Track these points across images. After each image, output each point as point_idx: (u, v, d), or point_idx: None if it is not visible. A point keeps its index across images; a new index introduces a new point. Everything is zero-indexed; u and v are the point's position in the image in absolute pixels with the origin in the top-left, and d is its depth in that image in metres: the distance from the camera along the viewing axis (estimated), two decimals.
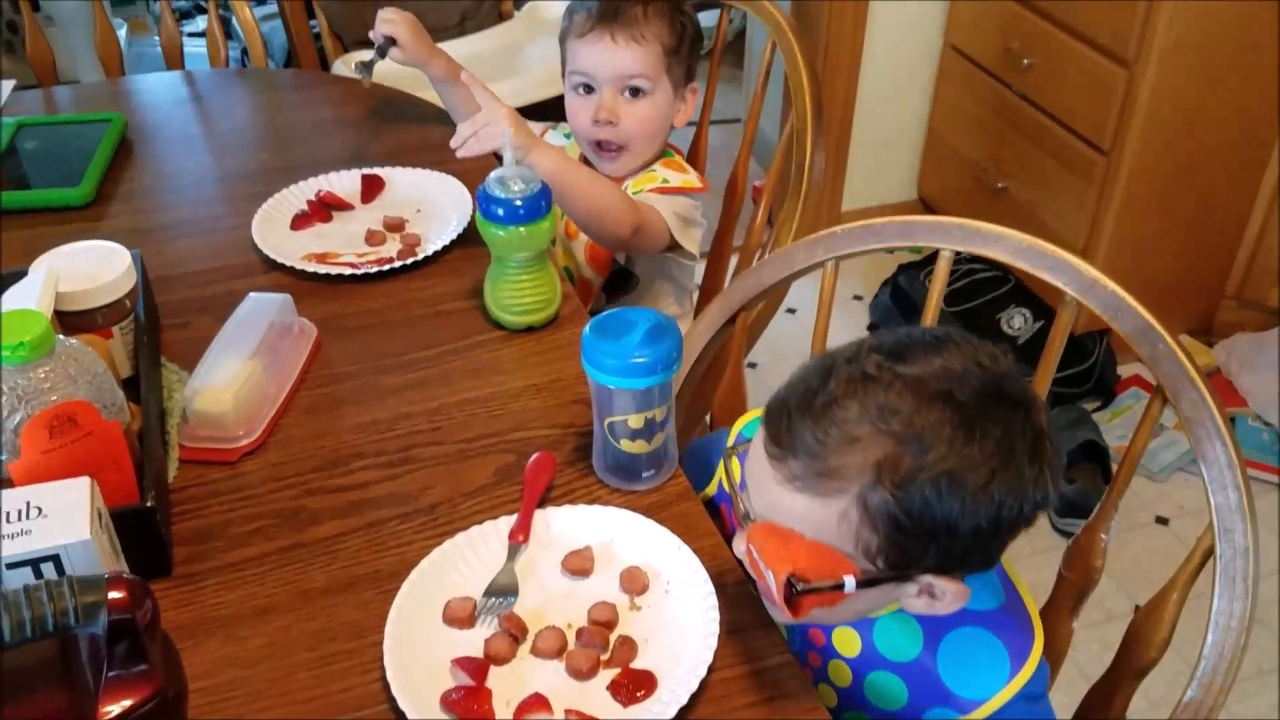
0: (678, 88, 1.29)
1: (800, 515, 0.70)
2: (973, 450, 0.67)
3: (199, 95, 1.62)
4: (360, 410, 1.01)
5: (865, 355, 0.70)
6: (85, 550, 0.72)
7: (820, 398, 0.69)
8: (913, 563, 0.71)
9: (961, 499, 0.67)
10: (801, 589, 0.70)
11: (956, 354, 0.70)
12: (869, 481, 0.67)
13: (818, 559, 0.70)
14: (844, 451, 0.68)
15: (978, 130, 2.34)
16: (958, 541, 0.69)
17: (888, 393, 0.68)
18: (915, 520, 0.68)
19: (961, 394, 0.68)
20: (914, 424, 0.67)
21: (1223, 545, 0.79)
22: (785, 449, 0.70)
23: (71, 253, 1.02)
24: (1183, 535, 1.89)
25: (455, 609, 0.81)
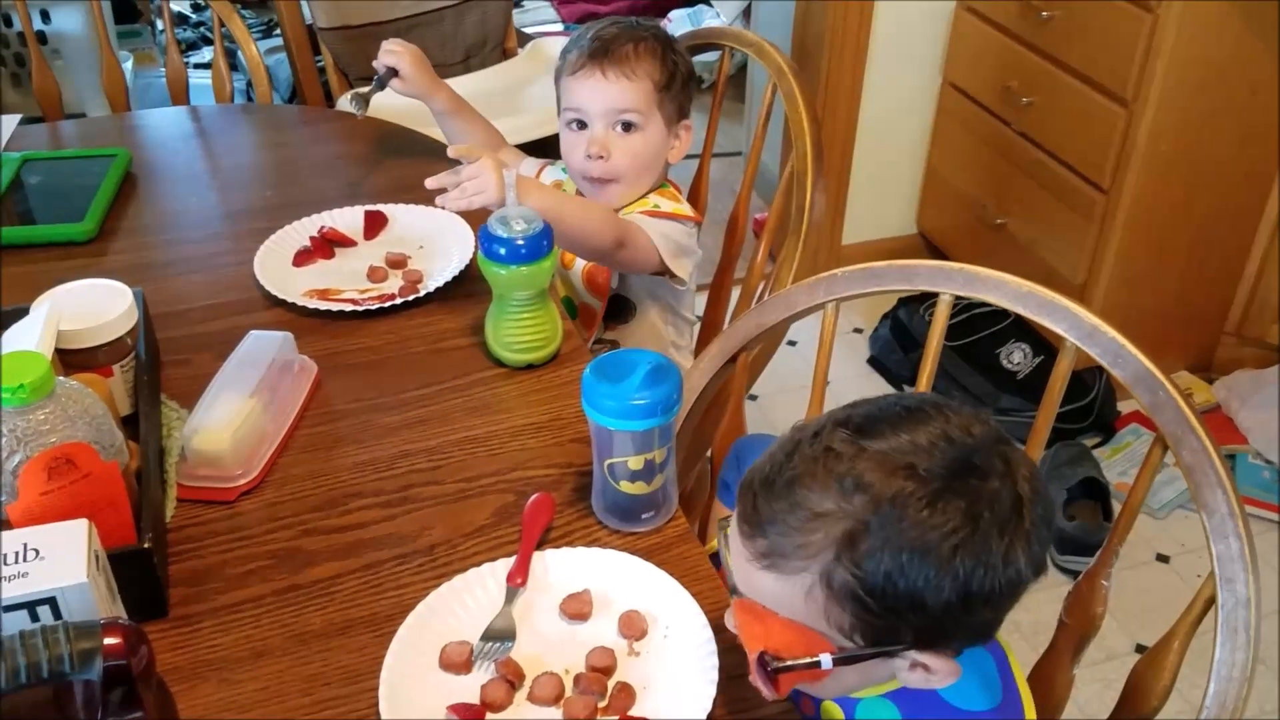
0: (670, 124, 1.30)
1: (770, 594, 0.71)
2: (935, 523, 0.66)
3: (204, 130, 1.63)
4: (359, 448, 1.01)
5: (830, 430, 0.70)
6: (82, 593, 0.72)
7: (784, 475, 0.69)
8: (889, 639, 0.70)
9: (925, 574, 0.66)
10: (775, 667, 0.70)
11: (924, 428, 0.69)
12: (830, 559, 0.67)
13: (791, 637, 0.70)
14: (806, 529, 0.68)
15: (977, 167, 2.35)
16: (930, 617, 0.68)
17: (850, 467, 0.67)
18: (879, 597, 0.67)
19: (925, 469, 0.67)
20: (877, 500, 0.66)
21: (1224, 594, 0.79)
22: (753, 527, 0.70)
23: (73, 291, 1.02)
24: (1183, 573, 1.88)
25: (452, 653, 0.80)
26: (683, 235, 1.31)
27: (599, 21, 1.30)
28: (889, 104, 2.42)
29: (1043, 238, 2.19)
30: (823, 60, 2.32)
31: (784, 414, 2.21)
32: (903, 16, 2.31)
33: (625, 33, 1.27)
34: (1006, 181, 2.26)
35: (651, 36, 1.28)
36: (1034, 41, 2.09)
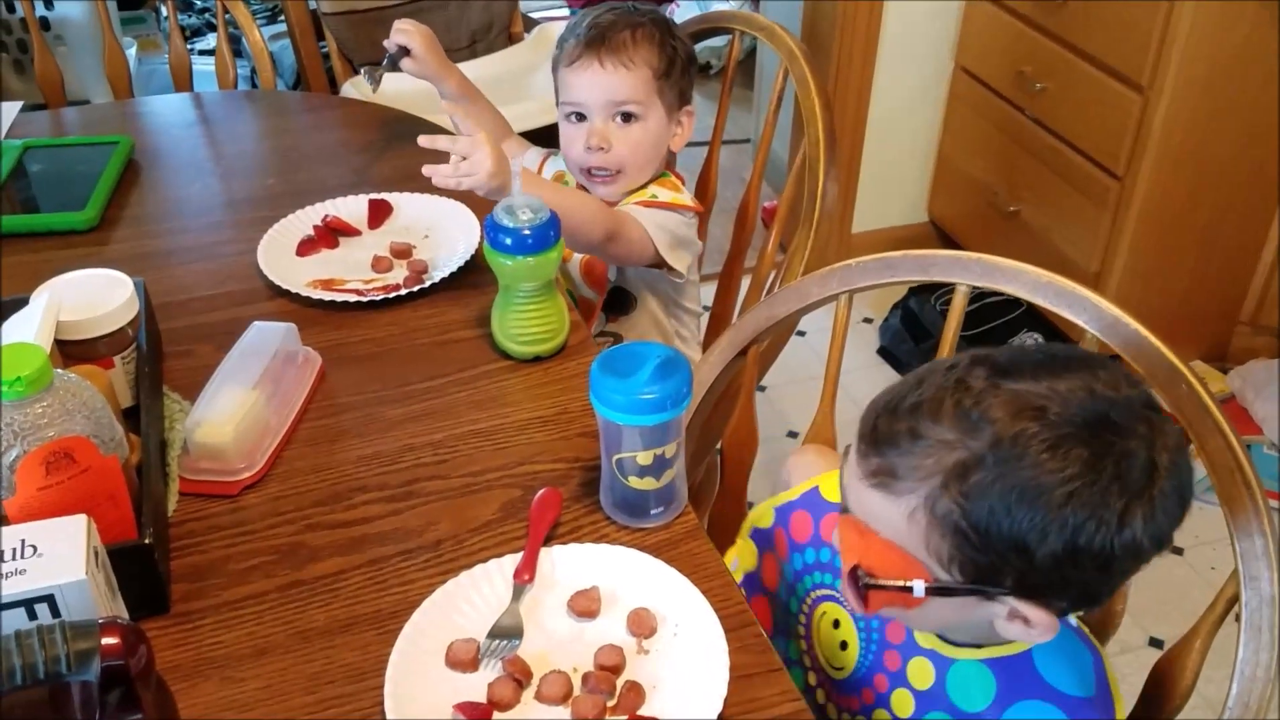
0: (671, 111, 1.28)
1: (875, 513, 0.71)
2: (1051, 468, 0.64)
3: (207, 117, 1.62)
4: (363, 442, 0.99)
5: (968, 366, 0.69)
6: (80, 590, 0.71)
7: (909, 399, 0.70)
8: (988, 579, 0.69)
9: (1031, 517, 0.65)
10: (867, 583, 0.71)
11: (1068, 377, 0.67)
12: (937, 486, 0.67)
13: (890, 557, 0.71)
14: (920, 453, 0.68)
15: (989, 153, 2.33)
16: (1035, 565, 0.66)
17: (978, 404, 0.67)
18: (982, 534, 0.66)
19: (1056, 413, 0.65)
20: (997, 435, 0.65)
21: (1248, 593, 0.77)
22: (869, 445, 0.71)
23: (73, 281, 1.00)
24: (1197, 565, 1.86)
25: (458, 651, 0.79)
26: (681, 226, 1.28)
27: (596, 8, 1.28)
28: (900, 89, 2.39)
29: (1056, 225, 2.16)
30: (833, 45, 2.29)
31: (793, 405, 2.19)
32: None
33: (623, 19, 1.25)
34: (1019, 168, 2.23)
35: (649, 22, 1.25)
36: (1048, 26, 2.06)
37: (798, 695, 0.76)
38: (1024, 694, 0.76)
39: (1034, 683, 0.76)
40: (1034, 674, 0.76)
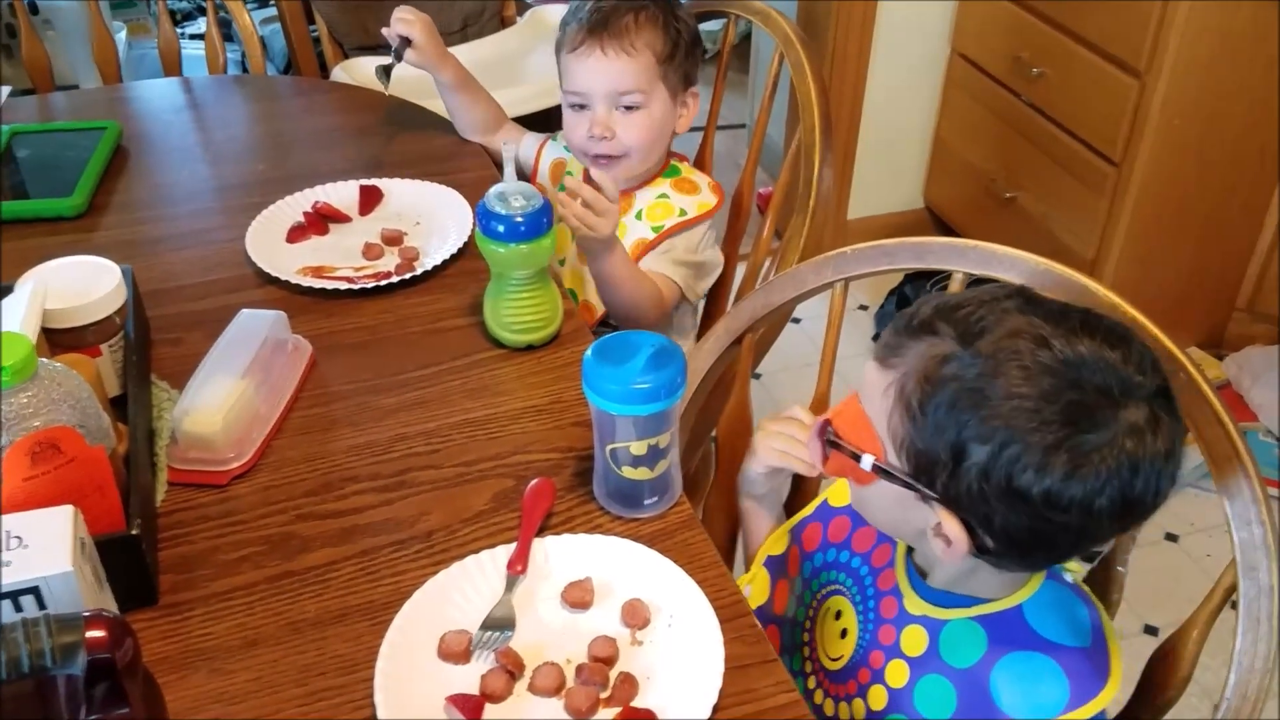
0: (676, 94, 1.26)
1: (868, 380, 0.75)
2: (1008, 385, 0.66)
3: (196, 102, 1.60)
4: (355, 431, 0.98)
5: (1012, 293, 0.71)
6: (66, 582, 0.70)
7: (945, 303, 0.72)
8: (924, 473, 0.71)
9: (969, 420, 0.67)
10: (830, 439, 0.77)
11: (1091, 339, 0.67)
12: (914, 368, 0.71)
13: (858, 425, 0.76)
14: (918, 336, 0.72)
15: (986, 139, 2.31)
16: (961, 473, 0.68)
17: (997, 322, 0.69)
18: (926, 421, 0.70)
19: (1054, 351, 0.66)
20: (996, 345, 0.68)
21: (1246, 583, 0.76)
22: (891, 329, 0.75)
23: (59, 268, 0.99)
24: (1193, 552, 1.86)
25: (450, 643, 0.78)
26: (704, 248, 1.29)
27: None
28: (897, 74, 2.38)
29: (1053, 212, 2.15)
30: (829, 30, 2.28)
31: (788, 392, 2.18)
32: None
33: (626, 2, 1.23)
34: (1016, 154, 2.22)
35: (652, 3, 1.23)
36: (1045, 11, 2.05)
37: (792, 686, 0.76)
38: (1015, 645, 0.77)
39: (1025, 635, 0.77)
40: (1025, 627, 0.77)
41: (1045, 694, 0.75)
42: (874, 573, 0.87)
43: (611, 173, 1.27)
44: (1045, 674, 0.75)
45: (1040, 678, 0.75)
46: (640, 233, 1.28)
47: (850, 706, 0.85)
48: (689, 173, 1.32)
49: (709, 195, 1.28)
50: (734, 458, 1.10)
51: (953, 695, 0.78)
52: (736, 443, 1.09)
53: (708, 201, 1.27)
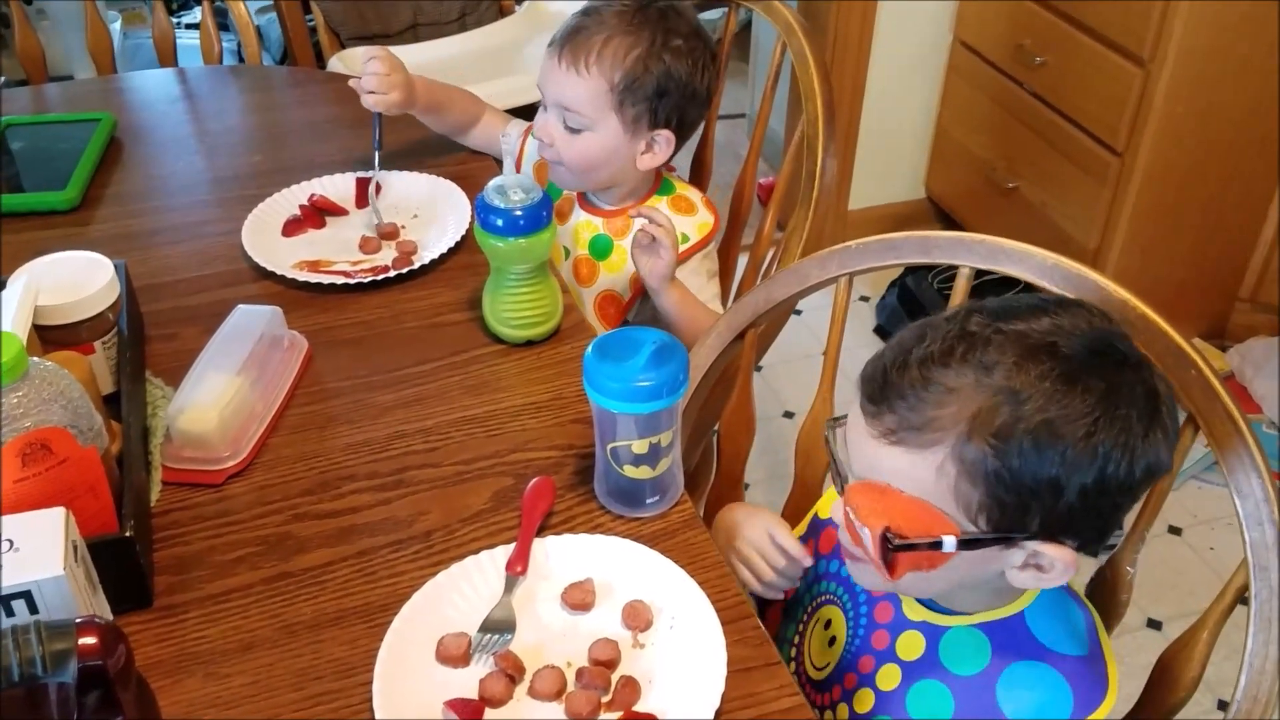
0: (637, 129, 1.16)
1: (899, 470, 0.69)
2: (1074, 401, 0.65)
3: (191, 93, 1.58)
4: (352, 429, 0.97)
5: (965, 315, 0.70)
6: (58, 586, 0.69)
7: (916, 353, 0.69)
8: (1016, 525, 0.68)
9: (1062, 452, 0.65)
10: (897, 544, 0.69)
11: (1065, 314, 0.69)
12: (964, 433, 0.66)
13: (916, 514, 0.69)
14: (940, 403, 0.67)
15: (988, 129, 2.29)
16: (1063, 501, 0.67)
17: (987, 347, 0.67)
18: (1015, 475, 0.66)
19: (1066, 347, 0.66)
20: (1013, 377, 0.66)
21: (1258, 584, 0.75)
22: (880, 404, 0.69)
23: (52, 264, 0.98)
24: (1196, 545, 1.85)
25: (449, 646, 0.77)
26: (711, 261, 1.26)
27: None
28: (898, 63, 2.36)
29: (1055, 201, 2.14)
30: (830, 18, 2.26)
31: (789, 385, 2.17)
32: None
33: (611, 20, 1.14)
34: (1018, 143, 2.20)
35: (639, 33, 1.13)
36: None
37: (796, 690, 0.74)
38: (1019, 655, 0.75)
39: (1028, 644, 0.76)
40: (1028, 635, 0.76)
41: (1050, 706, 0.73)
42: None
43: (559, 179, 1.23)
44: (1050, 685, 0.74)
45: (1045, 689, 0.74)
46: None
47: (834, 712, 0.84)
48: (683, 189, 1.27)
49: (706, 214, 1.24)
50: (736, 454, 1.09)
51: (949, 701, 0.76)
52: (739, 439, 1.08)
53: (706, 222, 1.23)
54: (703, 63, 1.17)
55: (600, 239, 1.24)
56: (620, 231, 1.23)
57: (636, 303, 1.25)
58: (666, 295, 1.16)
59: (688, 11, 1.19)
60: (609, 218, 1.24)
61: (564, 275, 1.26)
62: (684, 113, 1.19)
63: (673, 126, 1.19)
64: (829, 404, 1.00)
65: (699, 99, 1.19)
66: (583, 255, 1.25)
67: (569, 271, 1.26)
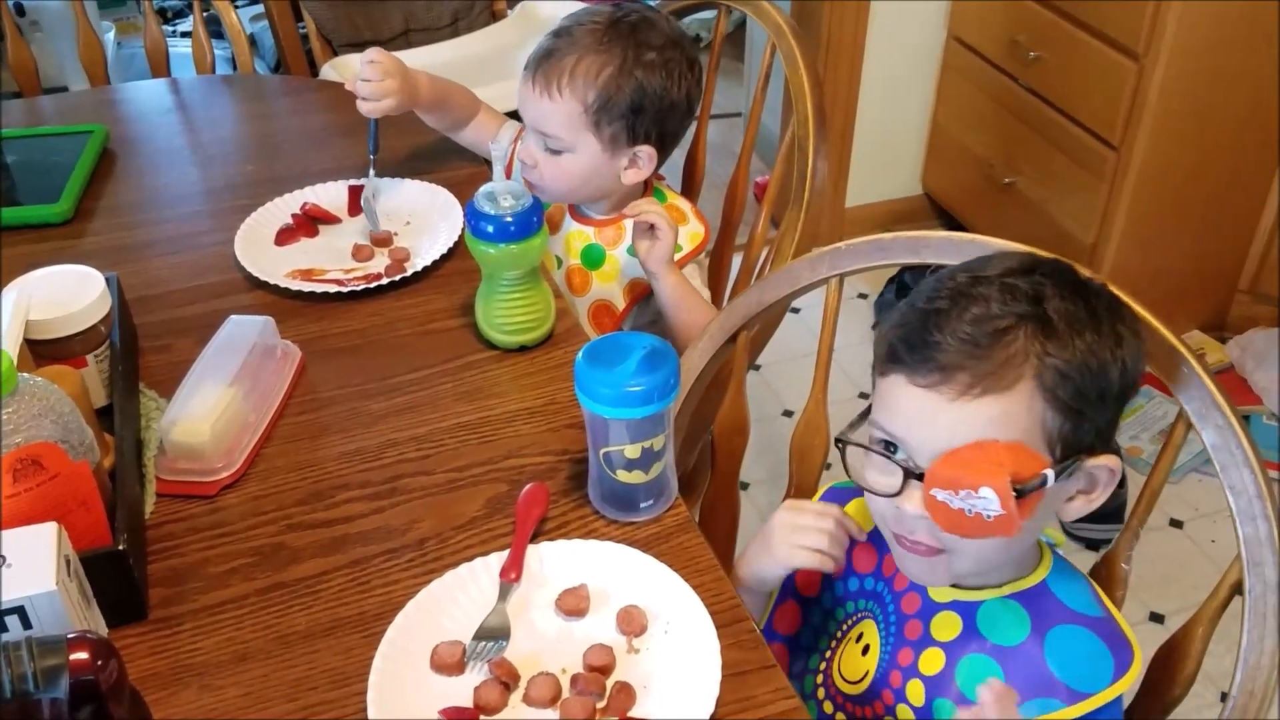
0: (616, 148, 1.15)
1: (991, 419, 0.70)
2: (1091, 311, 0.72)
3: (183, 103, 1.58)
4: (345, 438, 0.97)
5: (951, 278, 0.75)
6: (51, 602, 0.69)
7: (950, 311, 0.72)
8: (1082, 444, 0.72)
9: (1106, 352, 0.71)
10: (1021, 490, 0.70)
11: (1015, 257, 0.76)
12: (1037, 359, 0.69)
13: (1021, 457, 0.70)
14: (1002, 342, 0.70)
15: (984, 125, 2.29)
16: (1109, 408, 0.72)
17: (997, 290, 0.72)
18: (1085, 384, 0.70)
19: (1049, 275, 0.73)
20: (1039, 302, 0.71)
21: (1252, 579, 0.75)
22: (945, 369, 0.71)
23: (42, 278, 0.98)
24: (1197, 538, 1.85)
25: (443, 654, 0.77)
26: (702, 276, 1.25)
27: (580, 10, 1.17)
28: (893, 60, 2.35)
29: (1052, 197, 2.13)
30: (824, 15, 2.25)
31: (787, 384, 2.16)
32: None
33: (583, 39, 1.13)
34: (1015, 139, 2.20)
35: (610, 50, 1.12)
36: None
37: (793, 693, 0.74)
38: (1055, 620, 0.77)
39: (1059, 609, 0.78)
40: (1056, 601, 0.78)
41: (1095, 664, 0.75)
42: (891, 579, 0.85)
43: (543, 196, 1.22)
44: (1092, 647, 0.76)
45: (1088, 651, 0.76)
46: (635, 271, 1.22)
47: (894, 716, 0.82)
48: (674, 198, 1.26)
49: (696, 224, 1.23)
50: (731, 456, 1.09)
51: (998, 673, 0.77)
52: (733, 442, 1.08)
53: (697, 233, 1.22)
54: (679, 72, 1.15)
55: (593, 249, 1.24)
56: (612, 241, 1.23)
57: (631, 312, 1.25)
58: (665, 280, 1.16)
59: (662, 22, 1.17)
60: (600, 227, 1.24)
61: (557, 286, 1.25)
62: (664, 125, 1.17)
63: (653, 140, 1.18)
64: (822, 406, 1.00)
65: (679, 110, 1.17)
66: (575, 265, 1.25)
67: (562, 282, 1.26)
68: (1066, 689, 0.75)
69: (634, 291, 1.24)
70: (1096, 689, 0.75)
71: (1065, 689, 0.75)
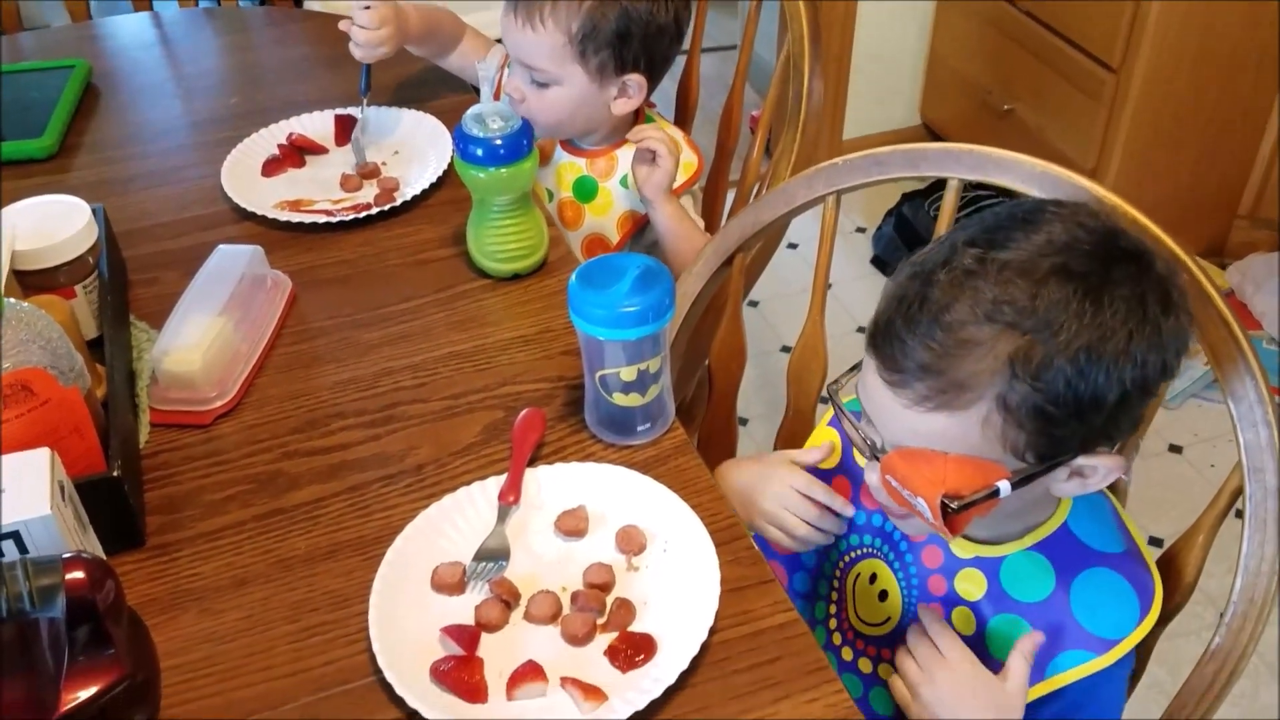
0: (604, 77, 1.13)
1: (938, 434, 0.68)
2: (1104, 317, 0.64)
3: (166, 37, 1.55)
4: (339, 367, 0.96)
5: (960, 253, 0.67)
6: (46, 526, 0.68)
7: (926, 309, 0.66)
8: (1064, 449, 0.68)
9: (1104, 369, 0.64)
10: (957, 506, 0.68)
11: (1056, 223, 0.66)
12: (1004, 381, 0.65)
13: (966, 471, 0.68)
14: (968, 358, 0.65)
15: (982, 51, 2.25)
16: (1106, 413, 0.66)
17: (996, 285, 0.65)
18: (1062, 405, 0.65)
19: (1076, 264, 0.65)
20: (1035, 309, 0.64)
21: (1252, 485, 0.75)
22: (904, 373, 0.67)
23: (28, 208, 0.96)
24: (1196, 463, 1.85)
25: (443, 575, 0.77)
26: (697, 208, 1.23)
27: None
28: None
29: (1051, 123, 2.11)
30: None
31: (785, 319, 2.15)
32: None
33: None
34: (1013, 65, 2.17)
35: None
36: None
37: (790, 606, 0.74)
38: (1079, 565, 0.76)
39: (1082, 552, 0.76)
40: (1077, 543, 0.76)
41: (1122, 607, 0.74)
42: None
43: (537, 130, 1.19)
44: (1118, 590, 0.75)
45: (1114, 595, 0.75)
46: (629, 203, 1.20)
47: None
48: (666, 126, 1.23)
49: (690, 154, 1.20)
50: (729, 383, 1.08)
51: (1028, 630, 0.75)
52: (730, 367, 1.07)
53: (691, 162, 1.20)
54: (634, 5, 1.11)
55: (585, 180, 1.22)
56: (605, 173, 1.21)
57: (625, 247, 1.24)
58: (662, 208, 1.15)
59: None
60: (592, 158, 1.22)
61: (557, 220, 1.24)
62: (652, 51, 1.14)
63: (642, 68, 1.15)
64: (819, 329, 0.99)
65: (667, 33, 1.14)
66: (567, 198, 1.23)
67: (554, 215, 1.24)
68: (1097, 639, 0.74)
69: (628, 225, 1.22)
70: (1126, 632, 0.74)
71: (1096, 639, 0.74)
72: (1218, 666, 0.76)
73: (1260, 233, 2.16)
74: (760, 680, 0.70)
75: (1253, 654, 0.75)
